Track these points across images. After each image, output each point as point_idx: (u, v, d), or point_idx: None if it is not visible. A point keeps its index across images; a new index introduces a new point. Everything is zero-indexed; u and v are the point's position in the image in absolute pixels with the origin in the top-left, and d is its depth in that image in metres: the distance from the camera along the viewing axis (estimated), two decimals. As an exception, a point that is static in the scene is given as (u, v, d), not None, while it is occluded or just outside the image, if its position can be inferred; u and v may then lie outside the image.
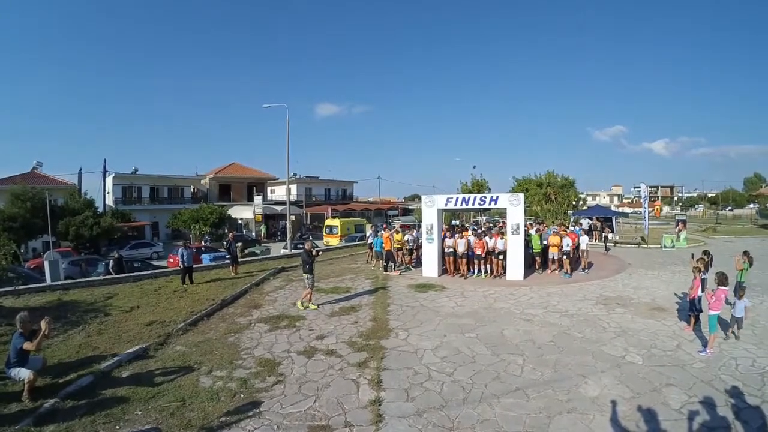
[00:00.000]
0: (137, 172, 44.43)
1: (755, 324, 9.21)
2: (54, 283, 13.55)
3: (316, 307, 11.11)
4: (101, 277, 15.01)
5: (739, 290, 8.53)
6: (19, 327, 6.18)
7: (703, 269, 9.08)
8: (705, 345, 7.77)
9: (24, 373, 5.99)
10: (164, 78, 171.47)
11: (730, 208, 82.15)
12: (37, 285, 13.38)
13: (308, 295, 11.22)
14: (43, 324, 6.13)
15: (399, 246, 17.03)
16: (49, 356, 7.43)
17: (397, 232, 17.52)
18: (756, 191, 69.62)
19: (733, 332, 8.25)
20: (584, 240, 16.70)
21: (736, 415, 5.41)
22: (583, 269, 16.18)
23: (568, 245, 15.37)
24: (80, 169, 37.73)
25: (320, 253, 13.53)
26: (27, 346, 6.00)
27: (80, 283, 13.76)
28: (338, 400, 6.04)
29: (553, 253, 15.84)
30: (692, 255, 10.45)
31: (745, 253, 10.97)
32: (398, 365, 7.28)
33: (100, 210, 35.35)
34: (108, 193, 40.99)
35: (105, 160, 38.50)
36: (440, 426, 5.32)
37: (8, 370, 6.16)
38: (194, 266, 15.32)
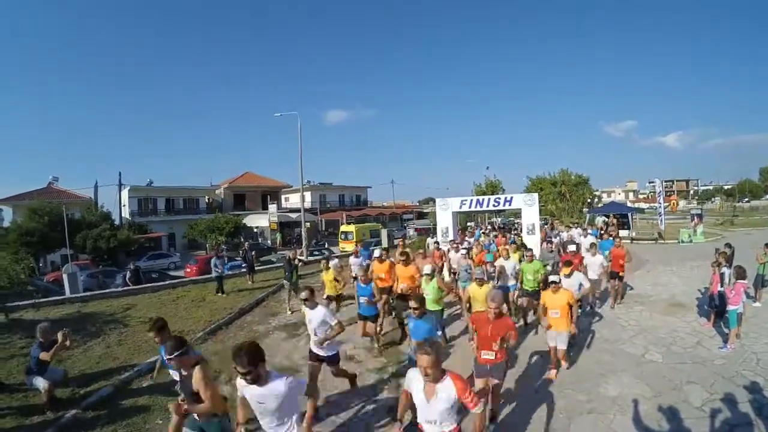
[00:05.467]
0: (152, 184, 44.93)
1: (777, 319, 8.97)
2: (73, 296, 13.76)
3: (292, 311, 11.40)
4: (119, 289, 15.21)
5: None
6: (40, 337, 6.31)
7: (724, 263, 8.91)
8: (725, 341, 7.65)
9: (40, 383, 6.11)
10: (174, 89, 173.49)
11: (747, 199, 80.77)
12: (57, 297, 13.61)
13: (287, 300, 11.70)
14: (60, 335, 6.25)
15: None
16: (70, 367, 7.57)
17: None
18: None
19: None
20: (597, 262, 10.47)
21: (758, 412, 5.32)
22: (592, 306, 10.39)
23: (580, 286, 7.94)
24: (96, 183, 38.55)
25: (301, 262, 13.58)
26: (43, 356, 6.11)
27: (99, 295, 13.95)
28: (358, 406, 6.05)
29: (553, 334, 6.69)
30: (716, 250, 10.25)
31: (767, 245, 10.75)
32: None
33: (117, 222, 35.88)
34: (124, 205, 41.51)
35: (120, 173, 38.92)
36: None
37: (27, 377, 6.31)
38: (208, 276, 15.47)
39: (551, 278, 6.55)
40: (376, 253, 9.96)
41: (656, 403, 5.71)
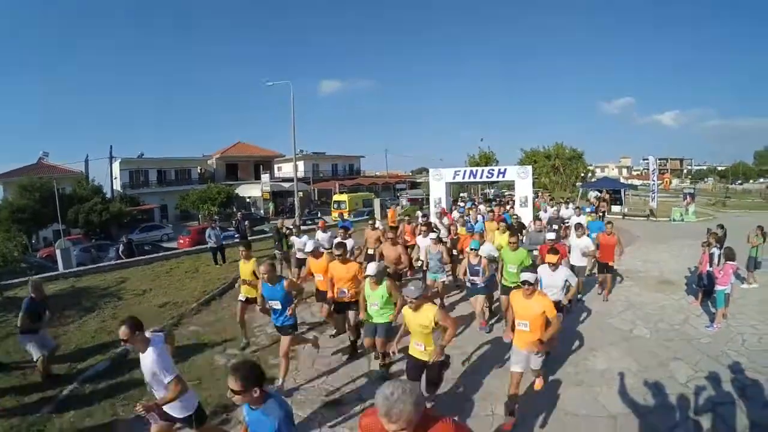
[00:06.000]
0: (143, 156, 44.54)
1: (763, 301, 9.12)
2: (66, 271, 13.72)
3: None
4: (112, 262, 15.17)
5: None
6: (31, 292, 6.44)
7: (714, 243, 9.02)
8: (712, 320, 7.79)
9: (34, 352, 6.20)
10: (163, 59, 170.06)
11: (740, 181, 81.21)
12: (50, 273, 13.55)
13: (280, 270, 11.49)
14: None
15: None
16: (66, 342, 7.63)
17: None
18: (766, 165, 68.63)
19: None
20: (583, 245, 8.82)
21: (740, 392, 5.45)
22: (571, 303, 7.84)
23: (566, 285, 6.36)
24: (86, 156, 38.42)
25: (290, 230, 13.29)
26: (20, 321, 6.25)
27: (92, 269, 13.92)
28: (350, 374, 6.17)
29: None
30: (708, 230, 10.34)
31: (760, 227, 10.83)
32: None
33: (108, 196, 35.67)
34: (115, 178, 41.21)
35: (111, 146, 38.83)
36: (452, 394, 5.51)
37: (20, 337, 6.41)
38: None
39: (523, 276, 4.79)
40: (309, 246, 7.59)
41: (642, 377, 5.86)
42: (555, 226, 11.73)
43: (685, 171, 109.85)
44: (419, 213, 15.80)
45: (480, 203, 20.17)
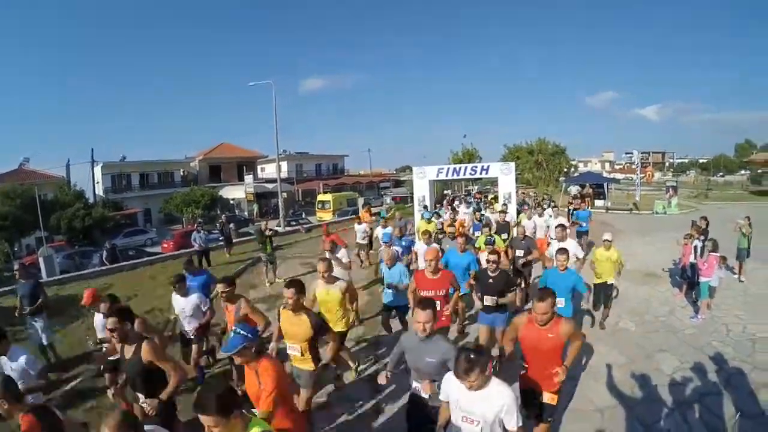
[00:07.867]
0: (125, 160, 43.92)
1: (746, 292, 9.30)
2: (50, 279, 13.51)
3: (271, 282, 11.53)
4: (97, 269, 14.96)
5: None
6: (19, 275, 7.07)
7: (696, 236, 9.15)
8: (697, 311, 7.92)
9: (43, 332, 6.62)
10: (145, 57, 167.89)
11: (721, 174, 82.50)
12: (34, 282, 13.34)
13: (265, 273, 11.72)
14: None
15: None
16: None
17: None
18: (747, 158, 69.81)
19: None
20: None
21: (726, 381, 5.54)
22: None
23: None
24: (68, 161, 37.79)
25: (273, 232, 12.93)
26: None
27: (76, 277, 13.73)
28: (337, 373, 6.14)
29: None
30: (693, 222, 10.46)
31: (748, 218, 10.88)
32: (396, 334, 7.26)
33: (91, 201, 35.17)
34: (97, 182, 40.58)
35: (92, 149, 38.18)
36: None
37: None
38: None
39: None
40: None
41: (629, 370, 5.93)
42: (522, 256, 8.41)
43: (667, 164, 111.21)
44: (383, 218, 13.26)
45: (461, 202, 18.80)
